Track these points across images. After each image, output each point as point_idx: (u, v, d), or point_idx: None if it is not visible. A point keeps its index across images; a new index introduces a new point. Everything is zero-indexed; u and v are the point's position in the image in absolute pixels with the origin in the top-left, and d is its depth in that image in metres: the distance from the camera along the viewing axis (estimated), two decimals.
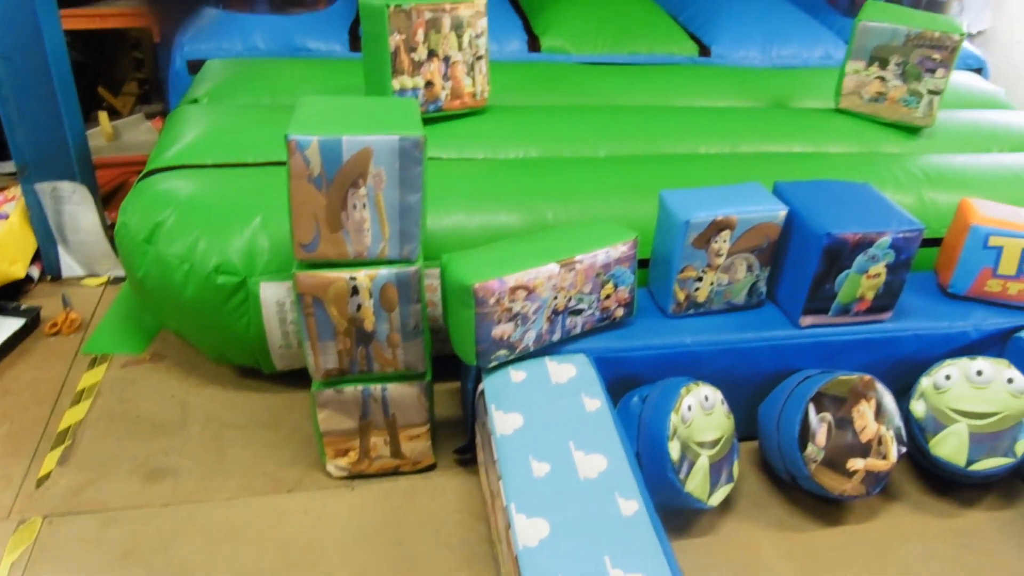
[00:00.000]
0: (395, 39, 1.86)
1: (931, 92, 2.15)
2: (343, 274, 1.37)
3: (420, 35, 1.88)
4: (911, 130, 2.23)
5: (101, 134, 3.63)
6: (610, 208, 1.76)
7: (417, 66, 1.91)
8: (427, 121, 1.99)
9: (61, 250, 2.23)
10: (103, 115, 3.60)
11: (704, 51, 2.71)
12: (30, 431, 1.72)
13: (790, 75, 2.64)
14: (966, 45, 2.90)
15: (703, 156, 2.03)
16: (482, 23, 1.97)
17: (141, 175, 1.88)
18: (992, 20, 4.18)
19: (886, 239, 1.51)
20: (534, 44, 2.62)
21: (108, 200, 3.21)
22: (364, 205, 1.31)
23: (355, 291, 1.38)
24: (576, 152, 2.02)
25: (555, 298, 1.43)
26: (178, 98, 2.47)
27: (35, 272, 2.24)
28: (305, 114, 1.34)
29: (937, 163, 2.03)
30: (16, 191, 2.22)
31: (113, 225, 2.36)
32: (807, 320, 1.59)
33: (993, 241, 1.65)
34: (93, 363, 1.95)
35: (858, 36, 2.19)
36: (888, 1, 2.83)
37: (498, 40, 2.58)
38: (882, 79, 2.20)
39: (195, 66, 2.47)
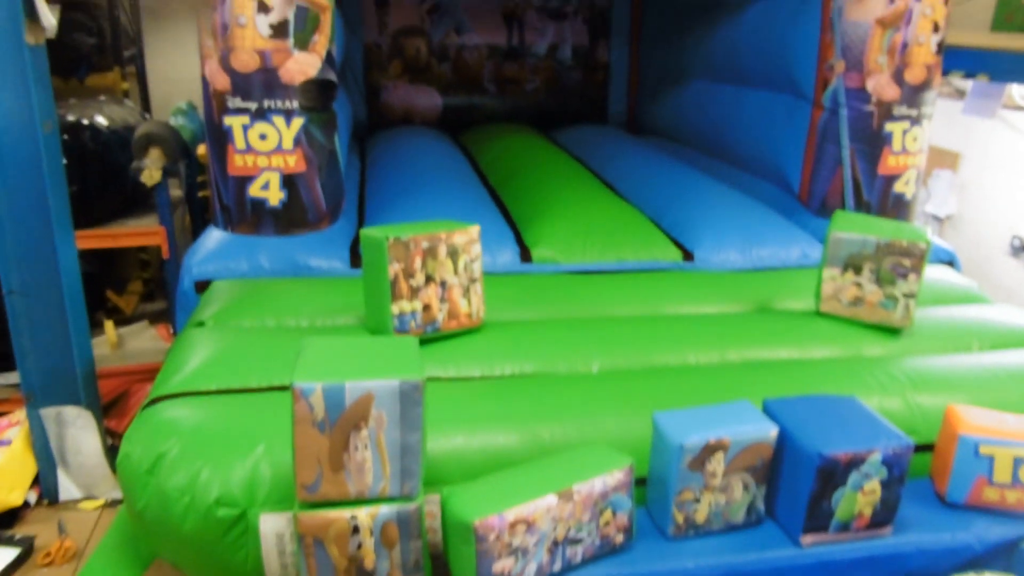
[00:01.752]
0: (394, 268, 1.96)
1: (906, 296, 2.25)
2: (344, 513, 1.38)
3: (418, 263, 1.99)
4: (892, 331, 2.31)
5: (106, 342, 3.71)
6: (605, 427, 1.79)
7: (415, 291, 2.01)
8: (425, 341, 2.06)
9: (60, 472, 2.24)
10: (109, 324, 3.70)
11: (687, 255, 2.85)
12: None
13: (771, 277, 2.76)
14: (935, 239, 3.05)
15: (693, 368, 2.09)
16: (476, 248, 2.09)
17: (145, 403, 1.92)
18: (957, 205, 4.42)
19: (877, 456, 1.54)
20: (525, 255, 2.75)
21: (109, 409, 3.24)
22: (366, 446, 1.35)
23: (356, 530, 1.38)
24: (570, 366, 2.08)
25: (554, 529, 1.44)
26: (185, 317, 2.56)
27: (32, 497, 2.23)
28: (308, 359, 1.40)
29: (920, 366, 2.09)
30: (20, 415, 2.26)
31: (114, 447, 2.38)
32: (808, 539, 1.59)
33: (983, 450, 1.68)
34: None
35: (831, 246, 2.32)
36: (856, 211, 3.02)
37: (491, 252, 2.71)
38: (858, 284, 2.31)
39: (202, 286, 2.58)
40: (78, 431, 2.17)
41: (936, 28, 2.88)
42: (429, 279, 2.03)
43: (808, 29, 3.12)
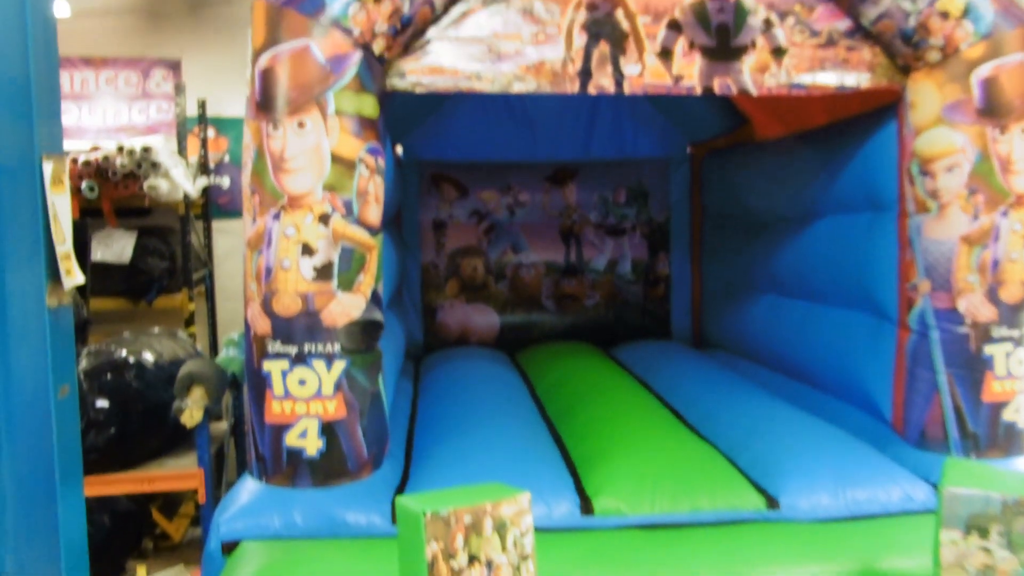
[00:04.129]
0: (432, 549, 1.70)
1: None
2: None
3: (459, 541, 1.73)
4: None
5: None
6: None
7: (457, 574, 1.72)
8: None
9: None
10: (141, 570, 3.46)
11: (772, 502, 2.50)
12: None
13: (871, 527, 2.39)
14: None
15: None
16: (527, 520, 1.81)
17: None
18: None
19: None
20: (586, 506, 2.45)
21: None
22: None
23: None
24: None
25: None
26: None
27: None
28: None
29: None
30: None
31: None
32: None
33: None
34: None
35: (947, 504, 1.97)
36: (962, 443, 2.66)
37: (546, 502, 2.42)
38: (986, 550, 1.93)
39: (229, 547, 2.34)
40: None
41: None
42: (473, 559, 1.74)
43: (885, 247, 2.92)
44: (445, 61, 2.56)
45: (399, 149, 4.69)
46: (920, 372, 2.78)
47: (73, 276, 1.83)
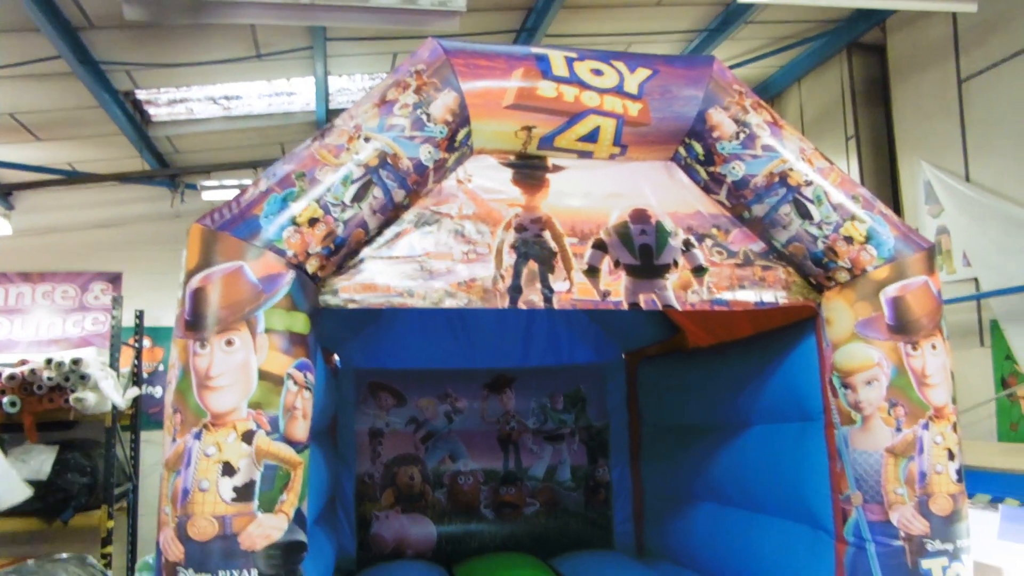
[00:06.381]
0: None
1: None
2: None
3: None
4: None
5: None
6: None
7: None
8: None
9: None
10: None
11: None
12: None
13: None
14: None
15: None
16: None
17: None
18: None
19: None
20: None
21: None
22: None
23: None
24: None
25: None
26: None
27: None
28: None
29: None
30: None
31: None
32: None
33: None
34: None
35: None
36: None
37: None
38: None
39: None
40: None
41: (952, 456, 2.69)
42: None
43: (816, 457, 2.94)
44: (378, 279, 2.62)
45: (336, 358, 4.68)
46: None
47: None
